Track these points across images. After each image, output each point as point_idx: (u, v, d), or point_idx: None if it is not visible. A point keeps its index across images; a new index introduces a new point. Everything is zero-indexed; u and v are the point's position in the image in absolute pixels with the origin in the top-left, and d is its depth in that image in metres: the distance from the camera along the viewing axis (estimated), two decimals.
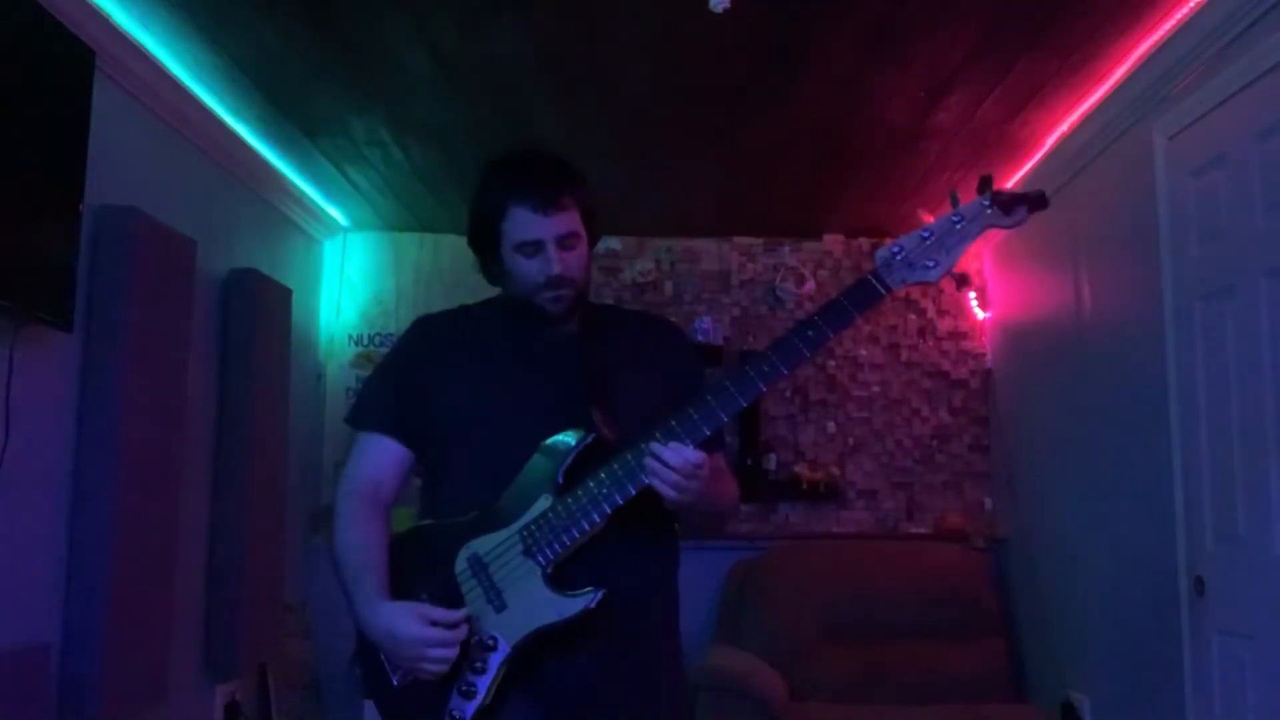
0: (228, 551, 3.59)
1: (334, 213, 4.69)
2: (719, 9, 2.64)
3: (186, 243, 3.25)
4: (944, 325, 4.90)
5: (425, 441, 1.77)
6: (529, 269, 1.70)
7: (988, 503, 4.76)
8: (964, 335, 4.89)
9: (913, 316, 4.91)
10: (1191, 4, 2.78)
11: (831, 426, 4.85)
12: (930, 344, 4.88)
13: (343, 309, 4.88)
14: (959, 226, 1.58)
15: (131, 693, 2.90)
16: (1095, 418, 3.59)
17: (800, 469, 4.77)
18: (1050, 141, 3.76)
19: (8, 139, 2.37)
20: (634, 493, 1.58)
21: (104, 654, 2.76)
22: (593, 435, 1.62)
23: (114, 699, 2.80)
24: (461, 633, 1.57)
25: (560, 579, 1.59)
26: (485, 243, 1.74)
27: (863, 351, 4.89)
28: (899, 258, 1.59)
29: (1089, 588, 3.66)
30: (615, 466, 1.58)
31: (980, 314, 4.85)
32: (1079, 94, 3.38)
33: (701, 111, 3.56)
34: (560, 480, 1.61)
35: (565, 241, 1.69)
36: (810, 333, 1.57)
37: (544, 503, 1.61)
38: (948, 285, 5.17)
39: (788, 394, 4.85)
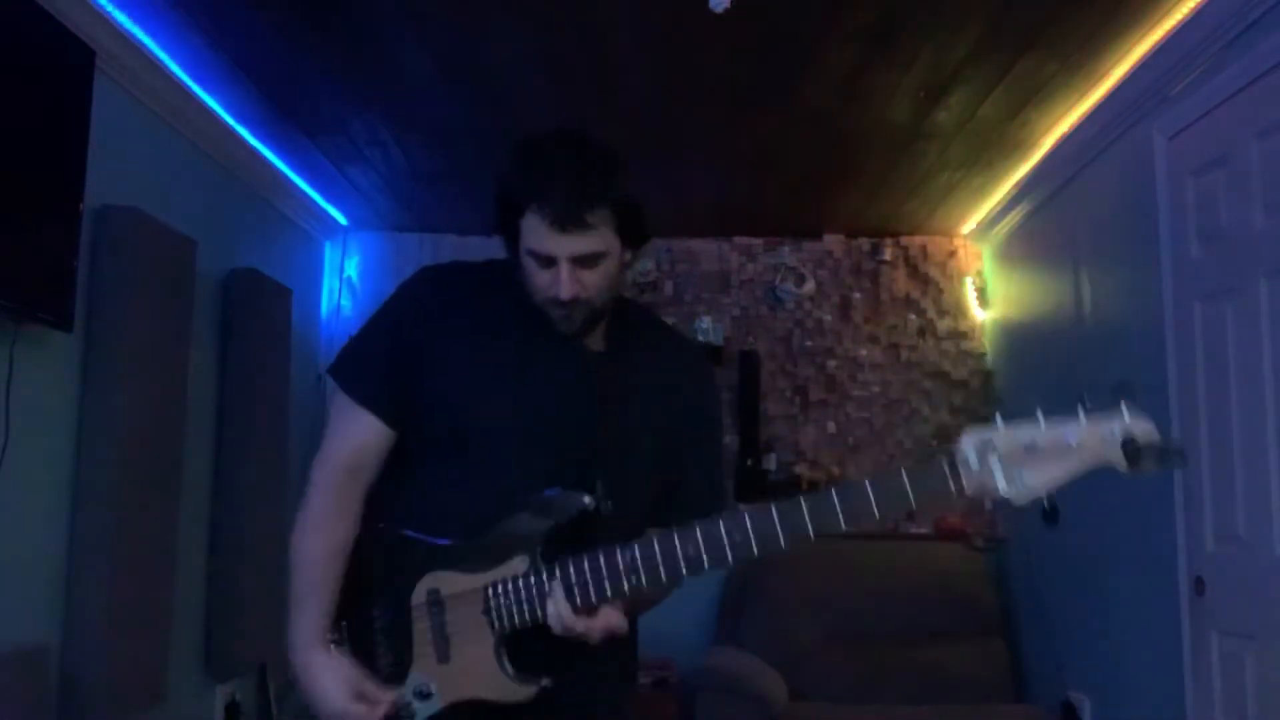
0: (228, 551, 3.59)
1: (334, 213, 4.69)
2: (719, 9, 2.64)
3: (186, 243, 3.25)
4: (944, 325, 4.90)
5: (408, 425, 1.58)
6: (539, 280, 1.49)
7: (988, 503, 4.75)
8: (964, 335, 4.89)
9: (913, 316, 4.91)
10: (1191, 4, 2.78)
11: (831, 426, 4.85)
12: (930, 344, 4.88)
13: (343, 309, 4.88)
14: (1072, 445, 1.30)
15: (131, 693, 2.90)
16: None
17: (800, 469, 4.77)
18: (1050, 141, 3.76)
19: (8, 139, 2.38)
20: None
21: (104, 654, 2.76)
22: (592, 506, 1.45)
23: (114, 699, 2.80)
24: (383, 711, 1.47)
25: (512, 648, 1.47)
26: (504, 228, 1.53)
27: (863, 351, 4.89)
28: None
29: (1089, 587, 3.66)
30: (590, 568, 1.43)
31: (980, 314, 4.85)
32: (1079, 94, 3.38)
33: (701, 111, 3.56)
34: (541, 546, 1.45)
35: (584, 261, 1.46)
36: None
37: (519, 564, 1.46)
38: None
39: (788, 394, 4.86)
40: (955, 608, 4.26)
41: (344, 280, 4.89)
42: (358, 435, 1.58)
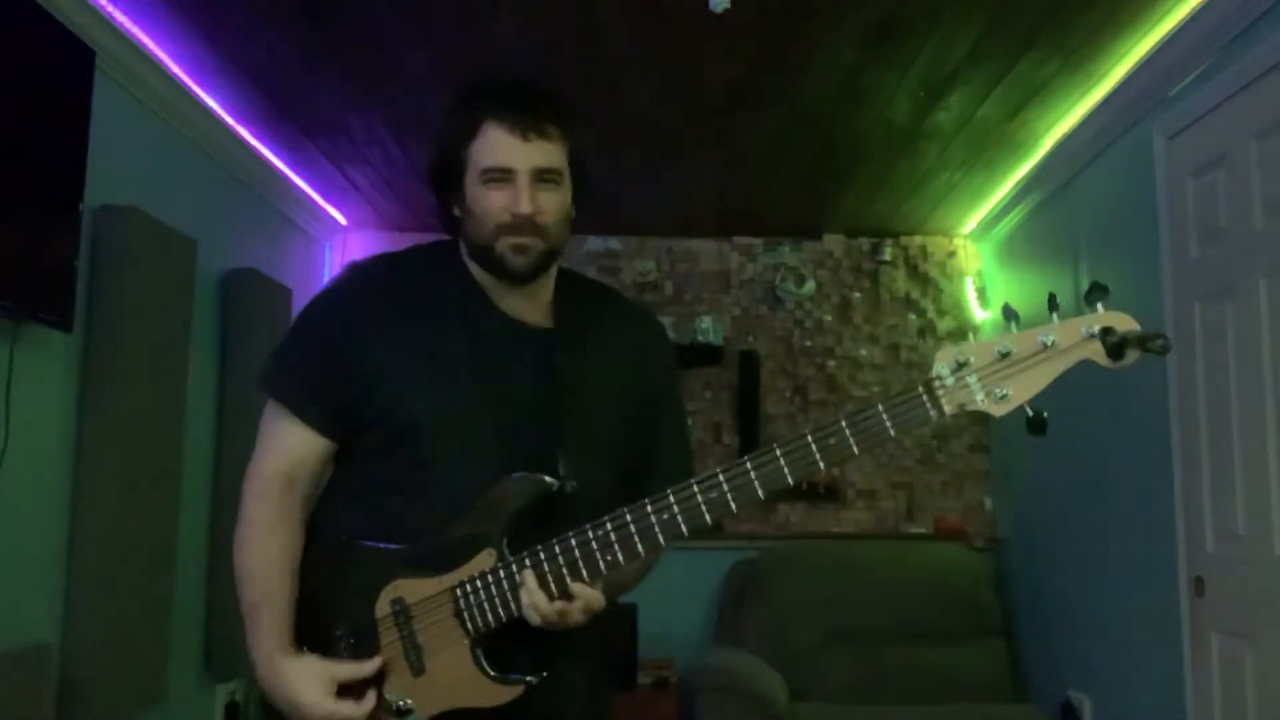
0: (228, 551, 3.58)
1: (334, 212, 4.69)
2: (718, 9, 2.64)
3: (186, 242, 3.25)
4: (944, 325, 4.90)
5: (347, 430, 1.48)
6: (493, 203, 1.40)
7: (988, 503, 4.76)
8: (964, 335, 4.88)
9: (913, 316, 4.91)
10: (1191, 4, 2.78)
11: None
12: (930, 344, 4.88)
13: None
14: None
15: (131, 693, 2.90)
16: (1095, 418, 3.59)
17: None
18: (1050, 141, 3.76)
19: (8, 139, 2.38)
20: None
21: (104, 654, 2.76)
22: (555, 486, 1.39)
23: (114, 699, 2.80)
24: (371, 703, 1.38)
25: (490, 650, 1.39)
26: (447, 174, 1.45)
27: (862, 351, 4.89)
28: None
29: (1089, 588, 3.66)
30: (561, 551, 1.36)
31: (980, 314, 4.85)
32: (1079, 94, 3.38)
33: (701, 111, 3.56)
34: (507, 536, 1.38)
35: (543, 176, 1.40)
36: (832, 440, 1.32)
37: (486, 559, 1.38)
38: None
39: (788, 394, 4.86)
40: (955, 608, 4.26)
41: None
42: (292, 447, 1.47)
